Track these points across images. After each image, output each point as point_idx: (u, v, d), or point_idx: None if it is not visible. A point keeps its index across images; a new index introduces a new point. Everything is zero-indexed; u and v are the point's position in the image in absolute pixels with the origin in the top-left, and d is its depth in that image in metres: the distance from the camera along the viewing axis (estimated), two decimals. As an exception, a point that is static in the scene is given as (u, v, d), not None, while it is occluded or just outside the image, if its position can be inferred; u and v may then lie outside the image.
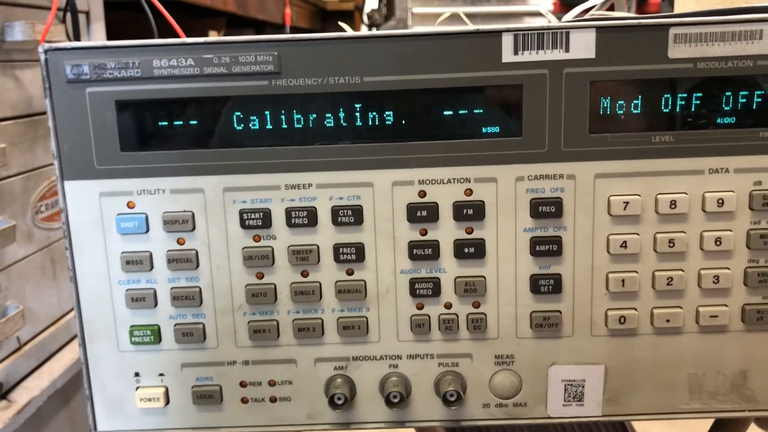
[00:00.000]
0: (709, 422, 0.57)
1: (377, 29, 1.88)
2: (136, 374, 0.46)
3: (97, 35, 0.99)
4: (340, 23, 0.61)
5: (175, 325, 0.45)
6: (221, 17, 1.66)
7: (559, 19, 0.62)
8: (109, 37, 1.03)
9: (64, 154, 0.43)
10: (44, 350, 0.87)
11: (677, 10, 0.64)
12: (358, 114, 0.43)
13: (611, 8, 0.72)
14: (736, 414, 0.46)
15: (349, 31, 0.46)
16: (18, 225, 0.80)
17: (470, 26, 0.42)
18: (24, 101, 0.83)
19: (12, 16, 0.80)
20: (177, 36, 0.90)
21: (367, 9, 1.89)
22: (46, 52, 0.42)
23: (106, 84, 0.42)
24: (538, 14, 1.21)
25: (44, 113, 0.85)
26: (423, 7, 1.26)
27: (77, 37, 0.88)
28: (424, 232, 0.44)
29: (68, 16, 0.87)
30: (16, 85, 0.81)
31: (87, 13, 0.97)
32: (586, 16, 0.53)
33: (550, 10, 1.19)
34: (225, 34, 1.69)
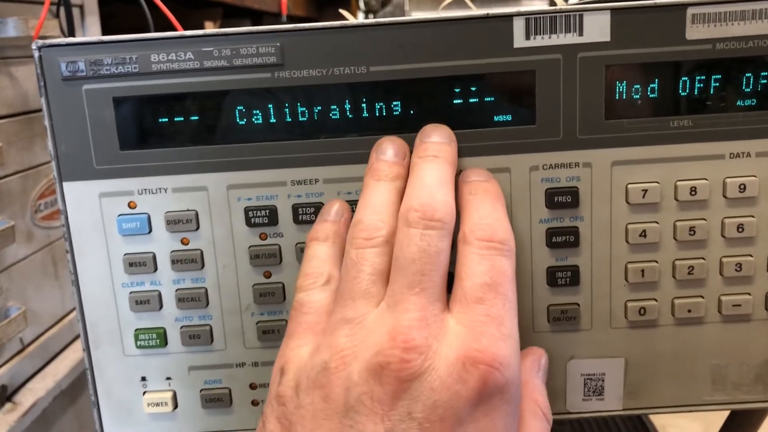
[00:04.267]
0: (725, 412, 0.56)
1: (374, 15, 1.86)
2: (143, 378, 0.45)
3: (91, 29, 0.97)
4: (340, 11, 0.59)
5: (181, 327, 0.44)
6: (217, 8, 1.64)
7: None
8: (104, 31, 1.01)
9: (62, 155, 0.42)
10: (48, 351, 0.86)
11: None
12: (364, 105, 0.41)
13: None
14: (762, 405, 0.44)
15: (353, 20, 0.44)
16: (17, 225, 0.78)
17: (479, 11, 0.40)
18: (20, 98, 0.81)
19: (4, 11, 0.79)
20: (174, 28, 0.89)
21: (363, -5, 1.87)
22: (39, 49, 0.40)
23: (103, 80, 0.41)
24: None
25: (41, 110, 0.84)
26: (420, -9, 1.23)
27: (72, 32, 0.86)
28: (436, 226, 0.42)
29: (62, 10, 0.85)
30: (11, 82, 0.80)
31: (81, 7, 0.95)
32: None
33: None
34: (221, 25, 1.67)
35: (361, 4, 1.84)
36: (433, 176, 0.38)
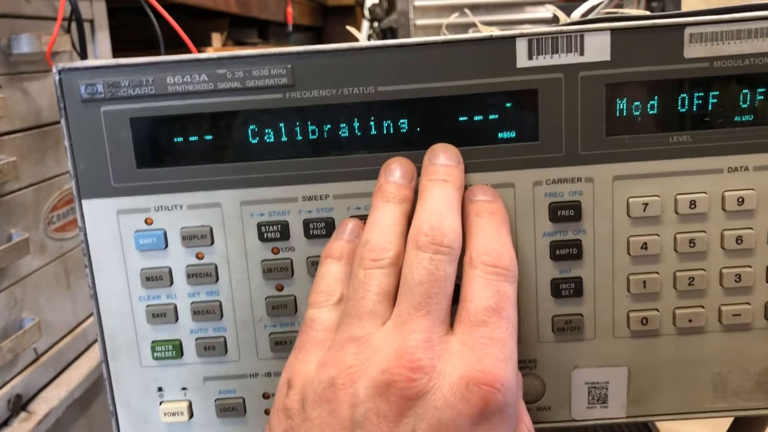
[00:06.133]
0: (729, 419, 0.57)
1: (379, 23, 1.87)
2: (159, 389, 0.46)
3: (102, 43, 0.99)
4: (348, 27, 0.60)
5: (196, 339, 0.45)
6: (224, 18, 1.66)
7: (567, 12, 0.61)
8: (114, 43, 1.03)
9: (81, 173, 0.43)
10: (61, 360, 0.87)
11: (684, 8, 0.64)
12: (372, 124, 0.43)
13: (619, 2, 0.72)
14: (762, 412, 0.45)
15: (362, 40, 0.46)
16: (31, 237, 0.80)
17: (484, 32, 0.42)
18: (33, 113, 0.83)
19: (17, 28, 0.80)
20: (180, 39, 0.90)
21: (368, 3, 1.88)
22: (60, 72, 0.42)
23: (120, 102, 0.42)
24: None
25: (53, 124, 0.85)
26: None
27: (83, 47, 0.88)
28: (443, 240, 0.44)
29: (73, 25, 0.87)
30: (24, 97, 0.81)
31: (91, 22, 0.96)
32: (599, 16, 0.52)
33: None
34: (228, 35, 1.69)
35: (366, 13, 1.86)
36: (442, 201, 0.39)
